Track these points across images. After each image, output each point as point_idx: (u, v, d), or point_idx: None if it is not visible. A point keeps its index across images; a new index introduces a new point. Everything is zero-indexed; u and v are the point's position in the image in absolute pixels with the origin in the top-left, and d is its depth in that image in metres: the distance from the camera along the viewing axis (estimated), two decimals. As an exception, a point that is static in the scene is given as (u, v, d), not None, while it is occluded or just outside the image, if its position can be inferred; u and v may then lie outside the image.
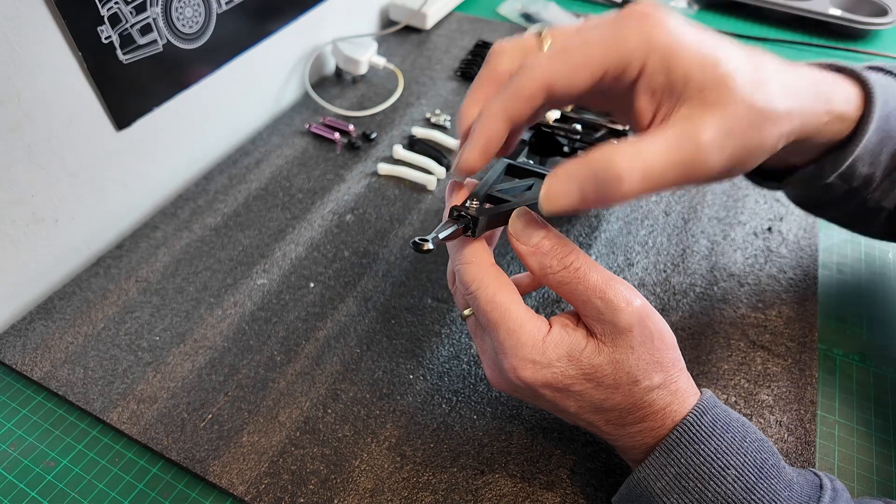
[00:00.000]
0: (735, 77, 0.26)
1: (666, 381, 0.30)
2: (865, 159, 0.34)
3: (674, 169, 0.25)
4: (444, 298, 0.47)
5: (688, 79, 0.26)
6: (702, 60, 0.26)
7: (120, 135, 0.51)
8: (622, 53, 0.26)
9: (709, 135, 0.26)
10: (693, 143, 0.25)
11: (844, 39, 0.81)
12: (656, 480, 0.29)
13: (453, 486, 0.36)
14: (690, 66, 0.26)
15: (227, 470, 0.37)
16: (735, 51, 0.27)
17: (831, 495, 0.28)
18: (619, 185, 0.25)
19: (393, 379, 0.42)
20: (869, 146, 0.34)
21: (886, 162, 0.35)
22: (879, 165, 0.35)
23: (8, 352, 0.44)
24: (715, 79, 0.26)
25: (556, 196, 0.27)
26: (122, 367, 0.43)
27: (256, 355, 0.43)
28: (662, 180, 0.26)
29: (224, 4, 0.55)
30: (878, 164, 0.35)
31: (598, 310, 0.28)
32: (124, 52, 0.48)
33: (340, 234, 0.53)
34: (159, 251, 0.51)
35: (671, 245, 0.51)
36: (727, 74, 0.26)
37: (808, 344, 0.43)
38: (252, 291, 0.48)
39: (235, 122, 0.64)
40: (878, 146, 0.34)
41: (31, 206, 0.46)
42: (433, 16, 0.80)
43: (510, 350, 0.29)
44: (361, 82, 0.71)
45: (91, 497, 0.37)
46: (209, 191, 0.57)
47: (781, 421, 0.39)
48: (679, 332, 0.44)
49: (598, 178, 0.25)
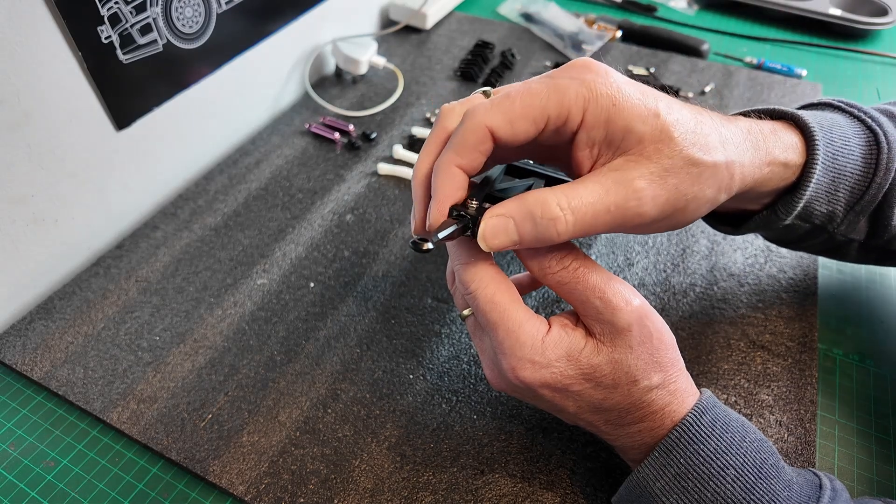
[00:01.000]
0: (675, 128, 0.27)
1: (665, 381, 0.30)
2: (821, 199, 0.35)
3: (606, 213, 0.26)
4: (444, 298, 0.47)
5: (627, 130, 0.26)
6: (642, 112, 0.26)
7: (120, 135, 0.51)
8: (563, 102, 0.26)
9: (641, 183, 0.26)
10: (625, 190, 0.26)
11: (845, 39, 0.81)
12: (656, 480, 0.29)
13: (453, 485, 0.36)
14: (630, 117, 0.26)
15: (227, 470, 0.37)
16: (674, 104, 0.28)
17: (831, 495, 0.28)
18: (554, 226, 0.26)
19: (393, 379, 0.42)
20: (821, 186, 0.34)
21: (846, 198, 0.35)
22: (839, 202, 0.35)
23: (8, 352, 0.44)
24: (655, 130, 0.26)
25: (494, 234, 0.27)
26: (122, 367, 0.43)
27: (256, 355, 0.43)
28: (595, 223, 0.26)
29: (224, 4, 0.55)
30: (836, 200, 0.35)
31: (597, 309, 0.28)
32: (124, 51, 0.48)
33: (340, 234, 0.53)
34: (159, 251, 0.51)
35: (671, 245, 0.51)
36: (667, 125, 0.27)
37: (808, 344, 0.43)
38: (252, 291, 0.48)
39: (235, 122, 0.64)
40: (832, 185, 0.34)
41: (31, 206, 0.46)
42: (433, 16, 0.80)
43: (509, 350, 0.29)
44: (361, 82, 0.71)
45: (91, 497, 0.37)
46: (209, 191, 0.57)
47: (781, 421, 0.39)
48: (679, 331, 0.44)
49: (535, 219, 0.26)
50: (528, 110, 0.27)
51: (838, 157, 0.34)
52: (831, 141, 0.34)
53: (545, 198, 0.26)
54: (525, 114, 0.27)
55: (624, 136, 0.26)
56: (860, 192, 0.35)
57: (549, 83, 0.27)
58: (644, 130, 0.26)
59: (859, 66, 0.76)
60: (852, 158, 0.34)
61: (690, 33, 0.81)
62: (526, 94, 0.27)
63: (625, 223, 0.27)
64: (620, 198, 0.26)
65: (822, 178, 0.34)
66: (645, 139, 0.26)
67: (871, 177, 0.34)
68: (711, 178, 0.28)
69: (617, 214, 0.26)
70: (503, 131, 0.27)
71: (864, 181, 0.35)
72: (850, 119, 0.36)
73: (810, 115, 0.35)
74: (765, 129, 0.32)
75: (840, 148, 0.34)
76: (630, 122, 0.26)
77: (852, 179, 0.35)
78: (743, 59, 0.77)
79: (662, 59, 0.74)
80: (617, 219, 0.27)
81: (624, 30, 0.80)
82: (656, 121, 0.26)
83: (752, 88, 0.69)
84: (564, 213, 0.26)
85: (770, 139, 0.32)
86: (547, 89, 0.27)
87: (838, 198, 0.35)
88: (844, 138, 0.34)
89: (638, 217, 0.27)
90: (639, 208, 0.26)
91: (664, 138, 0.26)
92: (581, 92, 0.26)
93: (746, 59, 0.76)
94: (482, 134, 0.27)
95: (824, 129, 0.34)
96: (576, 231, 0.26)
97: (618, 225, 0.27)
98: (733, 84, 0.70)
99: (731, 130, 0.30)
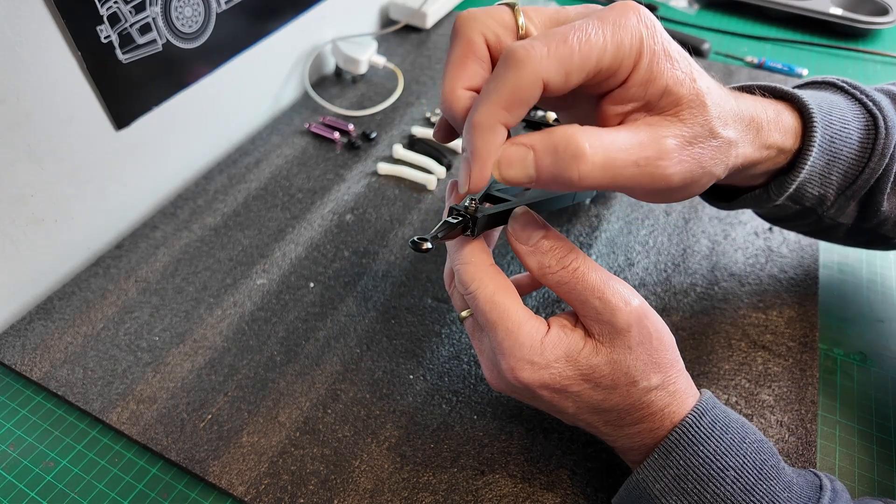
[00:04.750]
0: (708, 96, 0.26)
1: (664, 382, 0.29)
2: (814, 181, 0.35)
3: (633, 167, 0.25)
4: (444, 298, 0.47)
5: (667, 91, 0.26)
6: (682, 75, 0.26)
7: (119, 134, 0.51)
8: (618, 57, 0.25)
9: (673, 143, 0.25)
10: (657, 146, 0.25)
11: (845, 39, 0.81)
12: (655, 482, 0.29)
13: (453, 486, 0.36)
14: (672, 79, 0.26)
15: (226, 470, 0.37)
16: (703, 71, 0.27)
17: (831, 496, 0.28)
18: (577, 164, 0.24)
19: (393, 379, 0.42)
20: (815, 169, 0.34)
21: (838, 181, 0.35)
22: (831, 185, 0.35)
23: (7, 352, 0.44)
24: (692, 94, 0.26)
25: (510, 162, 0.25)
26: (121, 368, 0.43)
27: (256, 355, 0.43)
28: (620, 174, 0.25)
29: (223, 4, 0.55)
30: (829, 184, 0.35)
31: (597, 310, 0.28)
32: (124, 51, 0.48)
33: (340, 233, 0.53)
34: (159, 251, 0.51)
35: (672, 245, 0.51)
36: (702, 92, 0.26)
37: (809, 344, 0.43)
38: (252, 291, 0.48)
39: (235, 122, 0.64)
40: (826, 168, 0.34)
41: (30, 206, 0.46)
42: (433, 15, 0.80)
43: (508, 351, 0.29)
44: (361, 82, 0.71)
45: (91, 497, 0.37)
46: (209, 190, 0.57)
47: (782, 421, 0.39)
48: (680, 331, 0.44)
49: (559, 153, 0.24)
50: (586, 63, 0.24)
51: (835, 140, 0.34)
52: (830, 124, 0.33)
53: (574, 132, 0.24)
54: (583, 66, 0.24)
55: (662, 96, 0.25)
56: (853, 176, 0.35)
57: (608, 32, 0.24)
58: (682, 93, 0.25)
59: (860, 65, 0.76)
60: (849, 142, 0.34)
61: (691, 33, 0.81)
62: (585, 44, 0.24)
63: (649, 184, 0.26)
64: (652, 153, 0.25)
65: (816, 162, 0.33)
66: (682, 102, 0.26)
67: (866, 161, 0.34)
68: (724, 154, 0.28)
69: (645, 171, 0.25)
70: (556, 84, 0.24)
71: (859, 165, 0.34)
72: (852, 101, 0.35)
73: (811, 96, 0.34)
74: (769, 110, 0.32)
75: (838, 131, 0.34)
76: (671, 84, 0.25)
77: (847, 163, 0.34)
78: (744, 58, 0.76)
79: (663, 59, 0.74)
80: (643, 176, 0.25)
81: (624, 29, 0.79)
82: (693, 85, 0.26)
83: (753, 88, 0.69)
84: (593, 153, 0.24)
85: (773, 122, 0.31)
86: (604, 39, 0.24)
87: (831, 181, 0.35)
88: (843, 121, 0.34)
89: (663, 180, 0.26)
90: (667, 169, 0.25)
91: (699, 104, 0.26)
92: (636, 47, 0.24)
93: (747, 59, 0.76)
94: (538, 88, 0.24)
95: (823, 111, 0.33)
96: (600, 176, 0.24)
97: (639, 184, 0.25)
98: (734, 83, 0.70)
99: (741, 108, 0.29)
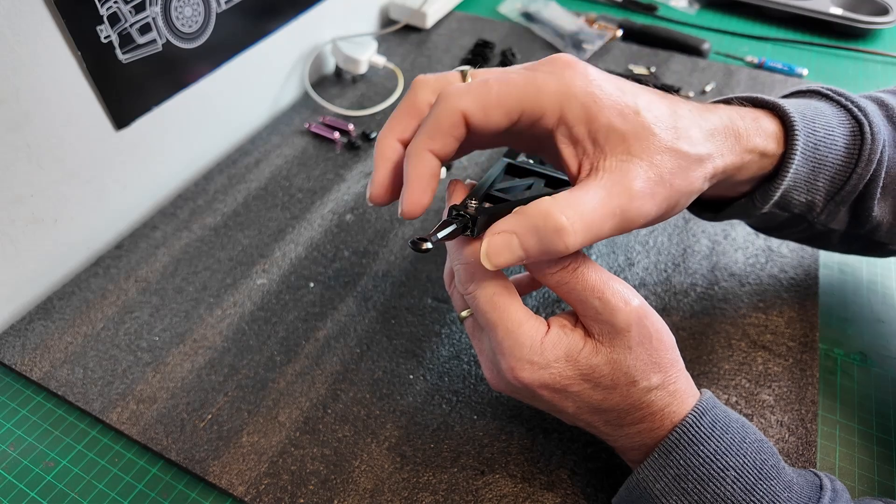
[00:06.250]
0: (656, 125, 0.27)
1: (664, 382, 0.29)
2: (800, 188, 0.34)
3: (612, 218, 0.26)
4: (444, 298, 0.47)
5: (610, 128, 0.26)
6: (622, 109, 0.26)
7: (119, 134, 0.51)
8: (539, 98, 0.26)
9: (640, 183, 0.26)
10: (627, 192, 0.26)
11: (845, 38, 0.81)
12: (655, 482, 0.29)
13: (453, 486, 0.36)
14: (611, 116, 0.26)
15: (226, 470, 0.37)
16: (654, 101, 0.28)
17: (831, 496, 0.28)
18: (560, 238, 0.25)
19: (393, 379, 0.42)
20: (800, 176, 0.34)
21: (826, 187, 0.35)
22: (818, 192, 0.35)
23: (7, 352, 0.44)
24: (637, 127, 0.26)
25: (498, 251, 0.26)
26: (121, 368, 0.43)
27: (256, 355, 0.43)
28: (602, 230, 0.26)
29: (223, 3, 0.55)
30: (816, 190, 0.35)
31: (596, 310, 0.28)
32: (123, 51, 0.48)
33: (340, 233, 0.53)
34: (159, 251, 0.51)
35: (672, 245, 0.51)
36: (649, 123, 0.27)
37: (810, 344, 0.43)
38: (252, 291, 0.48)
39: (235, 122, 0.64)
40: (812, 174, 0.34)
41: (30, 206, 0.46)
42: (433, 15, 0.80)
43: (508, 350, 0.29)
44: (361, 81, 0.71)
45: (91, 497, 0.37)
46: (208, 190, 0.57)
47: (782, 421, 0.39)
48: (680, 331, 0.44)
49: (540, 231, 0.25)
50: (504, 100, 0.27)
51: (820, 147, 0.33)
52: (814, 131, 0.33)
53: (548, 209, 0.25)
54: (500, 104, 0.27)
55: (607, 133, 0.26)
56: (840, 182, 0.35)
57: (528, 77, 0.27)
58: (627, 129, 0.26)
59: (860, 65, 0.76)
60: (834, 149, 0.34)
61: (691, 32, 0.81)
62: (503, 84, 0.27)
63: (630, 224, 0.27)
64: (624, 200, 0.26)
65: (801, 168, 0.33)
66: (628, 137, 0.26)
67: (853, 168, 0.34)
68: (699, 170, 0.28)
69: (623, 217, 0.26)
70: (477, 118, 0.27)
71: (846, 172, 0.34)
72: (837, 108, 0.35)
73: (794, 104, 0.34)
74: (746, 118, 0.32)
75: (823, 138, 0.33)
76: (611, 119, 0.26)
77: (833, 170, 0.34)
78: (744, 58, 0.76)
79: (663, 59, 0.74)
80: (623, 221, 0.26)
81: (624, 29, 0.80)
82: (637, 118, 0.27)
83: (753, 88, 0.69)
84: (572, 223, 0.25)
85: (751, 128, 0.32)
86: (524, 82, 0.27)
87: (818, 187, 0.35)
88: (828, 128, 0.34)
89: (642, 217, 0.27)
90: (641, 208, 0.26)
91: (647, 135, 0.26)
92: (559, 89, 0.26)
93: (747, 59, 0.76)
94: (456, 119, 0.27)
95: (807, 119, 0.33)
96: (584, 239, 0.26)
97: (623, 227, 0.27)
98: (734, 83, 0.70)
99: (711, 121, 0.30)
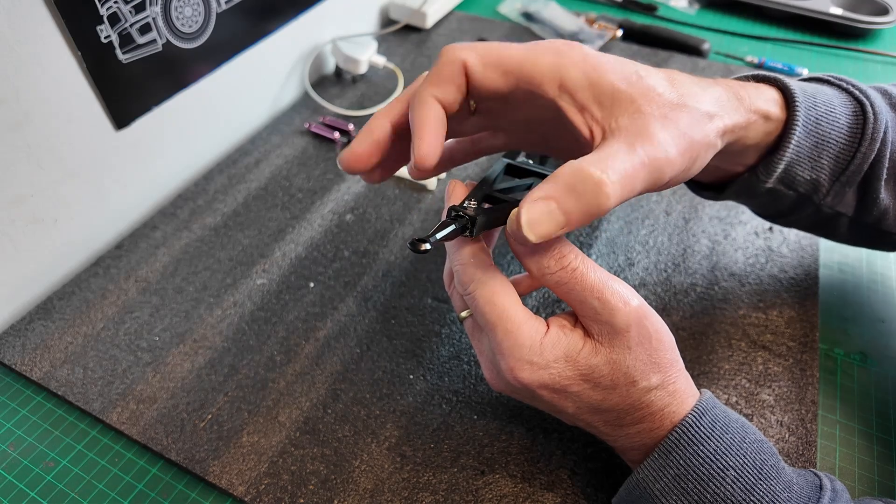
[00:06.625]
0: (660, 86, 0.27)
1: (664, 382, 0.29)
2: (804, 164, 0.34)
3: (642, 168, 0.25)
4: (444, 298, 0.47)
5: (615, 90, 0.27)
6: (625, 74, 0.27)
7: (119, 134, 0.51)
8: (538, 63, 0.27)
9: (660, 133, 0.26)
10: (650, 141, 0.26)
11: (845, 38, 0.81)
12: (655, 482, 0.29)
13: (454, 486, 0.36)
14: (614, 80, 0.27)
15: (226, 470, 0.37)
16: (652, 68, 0.29)
17: (831, 496, 0.28)
18: (601, 190, 0.24)
19: (393, 379, 0.42)
20: (803, 150, 0.34)
21: (831, 166, 0.35)
22: (823, 170, 0.35)
23: (7, 352, 0.44)
24: (643, 89, 0.27)
25: (538, 221, 0.25)
26: (121, 368, 0.43)
27: (256, 355, 0.43)
28: (635, 182, 0.25)
29: (223, 3, 0.55)
30: (820, 168, 0.35)
31: (596, 310, 0.28)
32: (123, 51, 0.48)
33: (340, 233, 0.53)
34: (159, 251, 0.51)
35: (672, 245, 0.51)
36: (654, 85, 0.27)
37: (810, 344, 0.43)
38: (252, 291, 0.48)
39: (235, 122, 0.64)
40: (815, 150, 0.34)
41: (30, 206, 0.46)
42: (433, 15, 0.80)
43: (507, 351, 0.29)
44: (361, 81, 0.71)
45: (91, 497, 0.37)
46: (209, 190, 0.57)
47: (782, 421, 0.39)
48: (680, 331, 0.44)
49: (578, 191, 0.24)
50: (503, 60, 0.28)
51: (821, 122, 0.34)
52: (814, 105, 0.34)
53: (579, 166, 0.25)
54: (499, 62, 0.28)
55: (613, 95, 0.27)
56: (845, 161, 0.35)
57: (527, 46, 0.28)
58: (633, 91, 0.27)
59: (860, 65, 0.76)
60: (837, 126, 0.34)
61: (691, 32, 0.81)
62: (502, 47, 0.28)
63: (660, 175, 0.26)
64: (650, 149, 0.25)
65: (803, 141, 0.34)
66: (636, 97, 0.26)
67: (857, 146, 0.34)
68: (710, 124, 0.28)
69: (653, 166, 0.26)
70: (476, 70, 0.28)
71: (850, 150, 0.34)
72: (838, 90, 0.36)
73: (794, 82, 0.35)
74: (747, 87, 0.32)
75: (824, 114, 0.34)
76: (615, 83, 0.27)
77: (837, 147, 0.34)
78: (744, 58, 0.76)
79: (663, 59, 0.74)
80: (653, 171, 0.26)
81: (624, 29, 0.80)
82: (641, 81, 0.27)
83: (753, 87, 0.69)
84: (608, 175, 0.24)
85: (753, 94, 0.32)
86: (524, 50, 0.28)
87: (822, 164, 0.35)
88: (829, 105, 0.34)
89: (669, 166, 0.26)
90: (669, 154, 0.26)
91: (654, 95, 0.27)
92: (556, 59, 0.27)
93: (747, 59, 0.76)
94: (457, 67, 0.28)
95: (807, 94, 0.34)
96: (622, 193, 0.25)
97: (654, 179, 0.26)
98: (734, 83, 0.70)
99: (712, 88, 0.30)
